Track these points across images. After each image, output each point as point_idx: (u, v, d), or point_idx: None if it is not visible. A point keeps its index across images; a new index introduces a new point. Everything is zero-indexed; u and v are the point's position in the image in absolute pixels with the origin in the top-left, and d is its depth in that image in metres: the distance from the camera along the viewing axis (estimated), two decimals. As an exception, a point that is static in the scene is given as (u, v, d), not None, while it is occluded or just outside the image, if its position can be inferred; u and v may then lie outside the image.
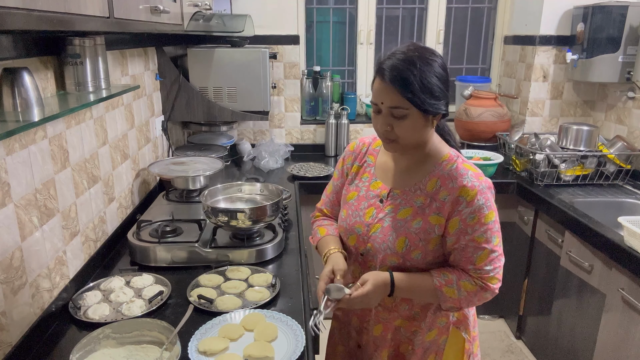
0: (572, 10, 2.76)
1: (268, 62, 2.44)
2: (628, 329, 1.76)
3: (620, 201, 2.34)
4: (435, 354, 1.28)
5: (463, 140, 3.02)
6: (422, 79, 1.06)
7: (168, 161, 2.23)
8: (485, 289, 1.15)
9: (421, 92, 1.06)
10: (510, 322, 2.83)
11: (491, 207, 1.14)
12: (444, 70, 1.10)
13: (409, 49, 1.09)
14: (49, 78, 1.33)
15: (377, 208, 1.22)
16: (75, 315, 1.31)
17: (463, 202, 1.12)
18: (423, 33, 3.20)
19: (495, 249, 1.14)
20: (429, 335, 1.27)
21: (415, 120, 1.10)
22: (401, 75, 1.06)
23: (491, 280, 1.15)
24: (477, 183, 1.12)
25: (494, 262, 1.14)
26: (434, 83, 1.07)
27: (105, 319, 1.29)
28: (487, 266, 1.14)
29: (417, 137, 1.14)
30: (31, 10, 0.72)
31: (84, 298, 1.39)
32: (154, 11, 1.29)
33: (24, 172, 1.18)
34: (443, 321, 1.26)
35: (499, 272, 1.16)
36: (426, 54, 1.09)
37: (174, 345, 1.14)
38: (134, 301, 1.37)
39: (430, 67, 1.07)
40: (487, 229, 1.13)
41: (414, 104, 1.07)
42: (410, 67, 1.06)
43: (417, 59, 1.07)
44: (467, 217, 1.12)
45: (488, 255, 1.13)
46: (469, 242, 1.13)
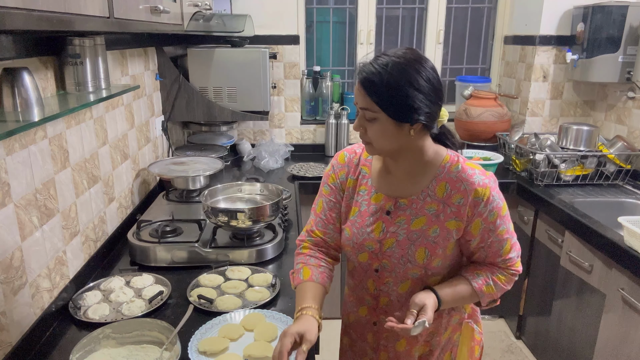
0: (572, 10, 2.76)
1: (268, 62, 2.44)
2: (628, 329, 1.76)
3: (620, 201, 2.34)
4: (450, 351, 1.29)
5: (463, 140, 3.02)
6: (394, 84, 1.02)
7: (168, 161, 2.23)
8: (515, 274, 1.19)
9: (390, 98, 1.02)
10: (510, 322, 2.83)
11: (502, 198, 1.16)
12: (427, 80, 1.03)
13: (395, 53, 1.05)
14: (49, 78, 1.33)
15: (386, 222, 1.16)
16: (75, 315, 1.31)
17: (481, 203, 1.11)
18: (423, 33, 3.20)
19: (513, 236, 1.18)
20: (445, 334, 1.27)
21: (385, 125, 1.05)
22: (370, 78, 1.03)
23: (517, 265, 1.19)
24: (487, 180, 1.12)
25: (515, 247, 1.18)
26: (409, 91, 1.02)
27: (106, 319, 1.29)
28: (512, 254, 1.18)
29: (390, 143, 1.09)
30: (31, 10, 0.72)
31: (84, 298, 1.39)
32: (154, 11, 1.29)
33: (24, 172, 1.18)
34: (456, 319, 1.27)
35: (519, 255, 1.20)
36: (408, 60, 1.03)
37: (174, 345, 1.14)
38: (134, 301, 1.37)
39: (407, 74, 1.02)
40: (506, 220, 1.16)
41: (383, 108, 1.03)
42: (382, 71, 1.02)
43: (394, 64, 1.02)
44: (488, 216, 1.12)
45: (510, 244, 1.17)
46: (495, 238, 1.15)
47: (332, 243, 1.26)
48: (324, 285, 1.20)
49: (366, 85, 1.04)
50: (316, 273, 1.20)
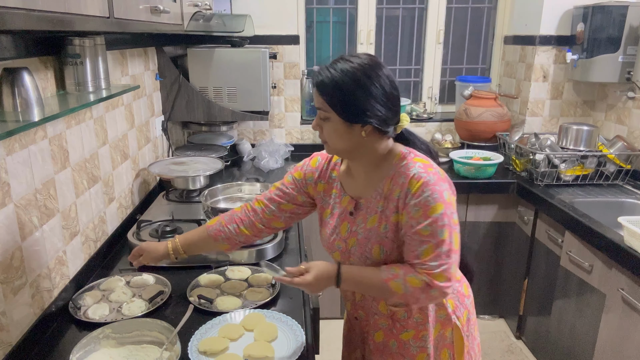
0: (572, 10, 2.76)
1: (268, 62, 2.44)
2: (628, 329, 1.76)
3: (620, 201, 2.34)
4: (446, 348, 1.26)
5: (463, 140, 3.02)
6: (343, 86, 1.07)
7: (168, 161, 2.23)
8: (431, 286, 1.08)
9: (340, 99, 1.08)
10: (510, 322, 2.83)
11: (439, 199, 1.07)
12: (379, 86, 1.08)
13: (350, 58, 1.10)
14: (49, 78, 1.33)
15: (350, 222, 1.22)
16: (75, 315, 1.31)
17: (409, 194, 1.10)
18: (423, 33, 3.20)
19: (442, 244, 1.07)
20: (435, 330, 1.25)
21: (336, 125, 1.11)
22: (323, 79, 1.09)
23: (437, 277, 1.07)
24: (424, 174, 1.09)
25: (440, 258, 1.07)
26: (358, 94, 1.07)
27: (105, 319, 1.29)
28: (432, 262, 1.08)
29: (343, 143, 1.13)
30: (31, 10, 0.72)
31: (84, 298, 1.39)
32: (154, 11, 1.29)
33: (24, 172, 1.18)
34: (443, 314, 1.24)
35: (446, 269, 1.08)
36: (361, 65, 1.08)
37: (174, 345, 1.14)
38: (134, 301, 1.37)
39: (358, 78, 1.07)
40: (433, 221, 1.07)
41: (333, 109, 1.09)
42: (335, 73, 1.08)
43: (347, 68, 1.08)
44: (412, 209, 1.09)
45: (433, 250, 1.07)
46: (414, 234, 1.09)
47: (262, 217, 1.34)
48: (211, 236, 1.35)
49: (319, 86, 1.10)
50: (217, 226, 1.35)
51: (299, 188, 1.32)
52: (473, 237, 2.71)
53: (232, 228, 1.34)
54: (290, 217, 1.36)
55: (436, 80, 3.27)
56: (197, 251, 1.43)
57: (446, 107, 3.37)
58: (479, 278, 2.80)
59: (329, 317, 2.77)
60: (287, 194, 1.33)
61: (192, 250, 1.40)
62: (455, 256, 1.10)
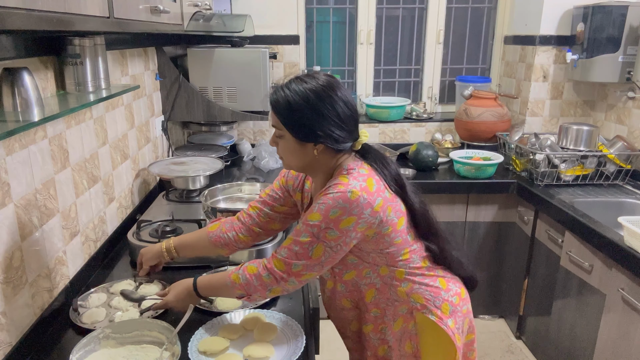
0: (572, 10, 2.76)
1: (268, 62, 2.44)
2: (628, 329, 1.76)
3: (620, 201, 2.34)
4: (410, 340, 1.28)
5: (463, 140, 3.02)
6: (296, 107, 1.11)
7: (168, 161, 2.23)
8: (265, 268, 1.15)
9: (292, 119, 1.13)
10: (510, 322, 2.83)
11: (322, 211, 1.10)
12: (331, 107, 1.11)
13: (306, 79, 1.15)
14: (49, 78, 1.33)
15: None
16: (71, 316, 1.31)
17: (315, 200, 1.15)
18: (423, 33, 3.20)
19: (298, 244, 1.13)
20: (396, 325, 1.28)
21: (290, 143, 1.16)
22: (277, 99, 1.14)
23: (276, 263, 1.15)
24: (330, 190, 1.12)
25: (290, 252, 1.14)
26: (310, 115, 1.11)
27: (97, 325, 1.27)
28: (282, 250, 1.15)
29: (296, 159, 1.19)
30: (31, 10, 0.72)
31: (88, 299, 1.39)
32: (154, 11, 1.29)
33: (24, 172, 1.18)
34: (404, 309, 1.26)
35: (289, 263, 1.13)
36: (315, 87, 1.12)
37: (174, 345, 1.14)
38: (128, 310, 1.35)
39: (310, 100, 1.11)
40: (305, 224, 1.13)
41: (286, 127, 1.14)
42: (289, 94, 1.13)
43: (300, 89, 1.12)
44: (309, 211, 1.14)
45: (289, 243, 1.15)
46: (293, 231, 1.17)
47: (258, 221, 1.39)
48: (211, 242, 1.38)
49: (273, 105, 1.15)
50: (217, 232, 1.39)
51: (286, 192, 1.37)
52: (473, 237, 2.71)
53: (231, 235, 1.38)
54: (286, 218, 1.40)
55: (436, 80, 3.27)
56: (192, 254, 1.46)
57: (446, 107, 3.37)
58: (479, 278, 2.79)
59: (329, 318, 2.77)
60: (277, 198, 1.38)
61: (187, 253, 1.43)
62: (307, 265, 1.13)
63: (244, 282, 1.17)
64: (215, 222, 1.45)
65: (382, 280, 1.25)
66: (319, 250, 1.13)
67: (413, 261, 1.25)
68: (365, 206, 1.11)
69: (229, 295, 1.24)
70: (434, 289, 1.27)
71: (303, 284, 1.20)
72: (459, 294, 1.32)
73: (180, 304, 1.27)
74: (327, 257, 1.14)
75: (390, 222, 1.17)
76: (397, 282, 1.24)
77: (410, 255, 1.24)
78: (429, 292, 1.26)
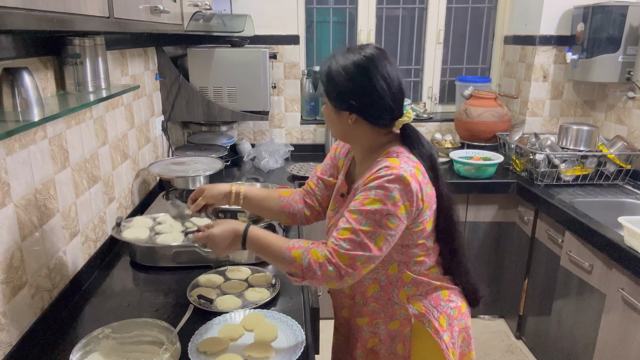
0: (572, 10, 2.76)
1: (268, 62, 2.44)
2: (628, 329, 1.76)
3: (620, 201, 2.34)
4: (402, 343, 1.27)
5: (463, 140, 3.02)
6: (335, 77, 1.16)
7: (168, 161, 2.23)
8: (331, 262, 1.09)
9: (330, 87, 1.18)
10: (510, 322, 2.83)
11: (380, 195, 1.08)
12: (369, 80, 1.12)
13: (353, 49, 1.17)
14: (49, 78, 1.33)
15: (339, 203, 1.31)
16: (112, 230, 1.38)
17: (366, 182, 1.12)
18: (423, 33, 3.20)
19: (360, 234, 1.08)
20: (392, 324, 1.27)
21: (329, 110, 1.21)
22: (322, 67, 1.20)
23: (341, 257, 1.08)
24: (383, 172, 1.10)
25: (353, 244, 1.08)
26: (342, 79, 1.14)
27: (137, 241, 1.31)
28: (344, 243, 1.09)
29: (334, 127, 1.24)
30: (31, 10, 0.72)
31: (132, 220, 1.45)
32: (154, 11, 1.29)
33: (24, 172, 1.18)
34: (402, 313, 1.25)
35: (353, 257, 1.08)
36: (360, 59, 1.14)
37: (174, 345, 1.14)
38: (171, 232, 1.39)
39: (350, 71, 1.14)
40: (365, 211, 1.09)
41: (326, 94, 1.20)
42: (332, 64, 1.17)
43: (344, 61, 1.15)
44: (358, 193, 1.13)
45: (350, 234, 1.09)
46: (345, 212, 1.13)
47: (316, 199, 1.43)
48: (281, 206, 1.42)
49: (320, 74, 1.22)
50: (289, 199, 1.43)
51: (334, 162, 1.40)
52: (473, 237, 2.71)
53: (299, 207, 1.42)
54: None
55: (436, 80, 3.28)
56: (256, 208, 1.44)
57: (446, 107, 3.37)
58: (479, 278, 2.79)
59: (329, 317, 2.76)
60: (327, 170, 1.42)
61: (251, 204, 1.41)
62: (370, 256, 1.09)
63: (305, 265, 1.10)
64: (286, 188, 1.49)
65: (388, 279, 1.24)
66: (381, 240, 1.09)
67: (424, 265, 1.23)
68: (416, 193, 1.10)
69: (277, 264, 1.18)
70: (435, 299, 1.26)
71: (359, 277, 1.14)
72: (459, 307, 1.30)
73: (221, 243, 1.18)
74: (387, 246, 1.11)
75: (424, 220, 1.16)
76: (401, 284, 1.23)
77: (423, 258, 1.23)
78: (429, 302, 1.25)
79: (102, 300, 1.44)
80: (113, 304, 1.41)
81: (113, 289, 1.50)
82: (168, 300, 1.41)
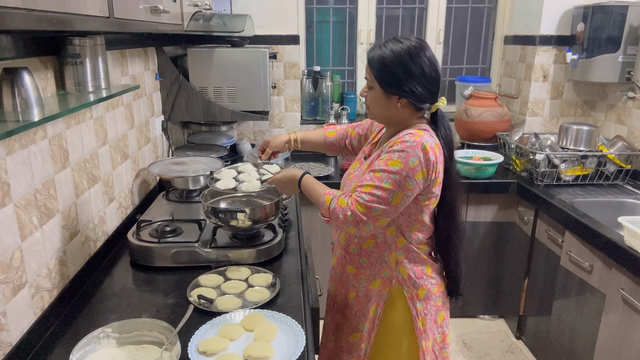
0: (572, 10, 2.76)
1: (268, 62, 2.44)
2: (628, 329, 1.76)
3: (620, 201, 2.34)
4: (376, 304, 1.42)
5: (463, 140, 3.02)
6: (388, 62, 1.27)
7: (168, 161, 2.23)
8: (350, 208, 1.27)
9: (382, 72, 1.28)
10: (510, 322, 2.83)
11: (402, 159, 1.24)
12: (419, 66, 1.27)
13: (400, 39, 1.29)
14: (49, 78, 1.33)
15: (360, 162, 1.48)
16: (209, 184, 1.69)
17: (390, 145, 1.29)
18: (423, 33, 3.20)
19: (380, 190, 1.25)
20: (373, 284, 1.42)
21: (377, 94, 1.32)
22: (373, 54, 1.30)
23: (359, 206, 1.26)
24: (407, 138, 1.26)
25: (372, 196, 1.25)
26: (399, 70, 1.27)
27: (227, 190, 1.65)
28: (364, 194, 1.26)
29: (382, 111, 1.35)
30: (31, 10, 0.72)
31: (221, 172, 1.75)
32: (154, 11, 1.29)
33: (24, 172, 1.18)
34: (387, 273, 1.40)
35: (370, 207, 1.25)
36: (407, 46, 1.27)
37: (174, 345, 1.14)
38: (251, 181, 1.66)
39: (401, 56, 1.26)
40: (387, 171, 1.25)
41: (377, 80, 1.30)
42: (383, 50, 1.28)
43: (394, 47, 1.27)
44: (382, 154, 1.29)
45: (371, 189, 1.26)
46: (370, 171, 1.29)
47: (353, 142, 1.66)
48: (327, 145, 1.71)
49: (369, 59, 1.32)
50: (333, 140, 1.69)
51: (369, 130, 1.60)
52: (473, 237, 2.71)
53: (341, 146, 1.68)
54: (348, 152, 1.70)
55: (436, 80, 3.27)
56: (309, 149, 1.74)
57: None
58: (479, 278, 2.80)
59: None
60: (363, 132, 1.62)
61: (306, 147, 1.71)
62: (385, 210, 1.26)
63: (332, 208, 1.30)
64: (331, 128, 1.71)
65: (384, 238, 1.38)
66: (398, 197, 1.25)
67: (417, 238, 1.38)
68: (433, 163, 1.25)
69: (317, 205, 1.37)
70: (419, 271, 1.40)
71: (377, 230, 1.32)
72: (439, 285, 1.43)
73: (283, 185, 1.48)
74: (402, 204, 1.27)
75: (432, 196, 1.32)
76: (394, 247, 1.38)
77: (418, 232, 1.37)
78: (414, 271, 1.39)
79: (102, 300, 1.44)
80: (113, 304, 1.41)
81: (113, 289, 1.50)
82: (168, 300, 1.41)
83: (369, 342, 1.44)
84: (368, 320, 1.43)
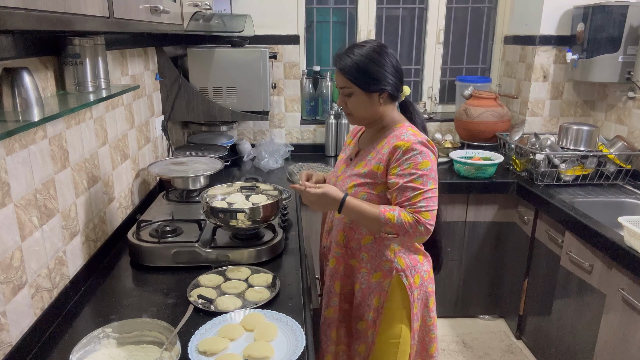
0: (572, 10, 2.76)
1: (268, 62, 2.44)
2: (628, 329, 1.76)
3: (620, 201, 2.34)
4: (379, 295, 1.49)
5: (463, 140, 3.02)
6: (361, 64, 1.38)
7: (168, 161, 2.23)
8: (418, 221, 1.35)
9: (360, 75, 1.39)
10: (510, 322, 2.83)
11: (426, 157, 1.37)
12: (387, 60, 1.39)
13: (360, 44, 1.42)
14: (49, 78, 1.33)
15: (347, 165, 1.57)
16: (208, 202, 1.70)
17: (400, 151, 1.38)
18: (423, 33, 3.20)
19: (429, 192, 1.37)
20: (374, 276, 1.50)
21: (359, 97, 1.42)
22: (344, 62, 1.40)
23: (424, 214, 1.36)
24: (412, 138, 1.38)
25: (427, 201, 1.37)
26: (373, 68, 1.38)
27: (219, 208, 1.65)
28: (421, 203, 1.36)
29: (366, 111, 1.45)
30: (31, 10, 0.72)
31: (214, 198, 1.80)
32: (154, 11, 1.29)
33: (24, 172, 1.18)
34: (387, 265, 1.48)
35: (431, 208, 1.37)
36: (371, 47, 1.40)
37: (174, 345, 1.14)
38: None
39: (370, 56, 1.38)
40: (423, 174, 1.37)
41: (356, 84, 1.40)
42: (352, 56, 1.39)
43: (360, 50, 1.39)
44: (404, 164, 1.37)
45: (422, 195, 1.36)
46: (408, 183, 1.36)
47: None
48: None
49: (342, 68, 1.41)
50: None
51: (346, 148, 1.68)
52: (473, 237, 2.72)
53: None
54: None
55: (436, 80, 3.28)
56: None
57: (446, 107, 3.37)
58: (479, 278, 2.80)
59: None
60: None
61: None
62: (436, 203, 1.39)
63: (399, 224, 1.35)
64: None
65: None
66: (436, 192, 1.40)
67: None
68: (434, 152, 1.42)
69: (372, 226, 1.41)
70: (414, 259, 1.50)
71: None
72: (429, 271, 1.55)
73: (320, 203, 1.45)
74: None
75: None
76: (391, 239, 1.45)
77: None
78: (410, 260, 1.49)
79: (102, 300, 1.44)
80: (113, 304, 1.41)
81: (113, 289, 1.50)
82: (168, 300, 1.41)
83: (375, 330, 1.52)
84: (372, 310, 1.51)
